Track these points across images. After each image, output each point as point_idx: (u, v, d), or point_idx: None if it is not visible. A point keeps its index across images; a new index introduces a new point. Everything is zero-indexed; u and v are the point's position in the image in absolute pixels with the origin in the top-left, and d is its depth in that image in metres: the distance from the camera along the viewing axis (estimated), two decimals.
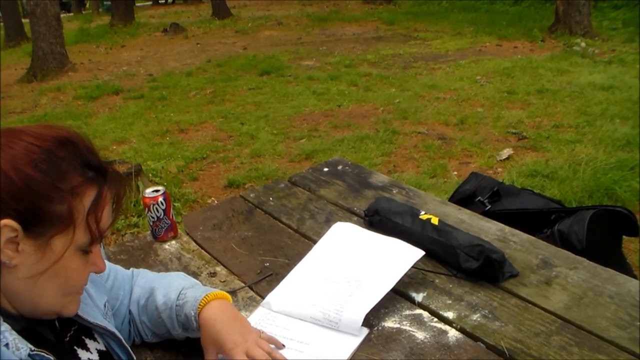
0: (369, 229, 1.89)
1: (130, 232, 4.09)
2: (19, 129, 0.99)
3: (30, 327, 1.04)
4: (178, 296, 1.37)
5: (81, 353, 1.13)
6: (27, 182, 0.92)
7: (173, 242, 1.96)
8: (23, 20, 16.81)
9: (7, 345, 0.93)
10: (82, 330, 1.17)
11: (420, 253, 1.64)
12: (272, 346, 1.33)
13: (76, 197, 0.98)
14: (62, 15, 12.67)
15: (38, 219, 0.94)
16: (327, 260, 1.70)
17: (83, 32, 16.74)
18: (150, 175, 5.09)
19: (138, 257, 1.89)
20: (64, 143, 0.99)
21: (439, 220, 1.78)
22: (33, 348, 0.97)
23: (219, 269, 1.79)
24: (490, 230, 1.88)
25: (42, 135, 0.98)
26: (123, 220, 4.26)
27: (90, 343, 1.17)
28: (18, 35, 16.49)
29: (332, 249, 1.76)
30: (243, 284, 1.70)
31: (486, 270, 1.59)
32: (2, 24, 17.69)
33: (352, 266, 1.65)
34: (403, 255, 1.64)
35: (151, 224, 1.93)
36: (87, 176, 1.00)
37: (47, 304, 1.03)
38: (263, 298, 1.60)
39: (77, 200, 0.98)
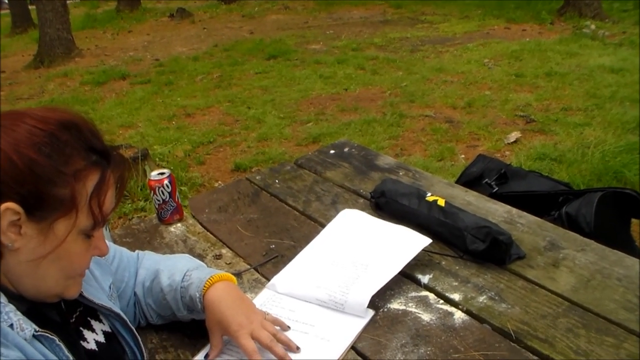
0: (375, 211, 1.89)
1: (137, 216, 4.10)
2: (22, 111, 0.98)
3: (35, 308, 1.04)
4: (183, 278, 1.37)
5: (86, 334, 1.14)
6: (30, 165, 0.92)
7: (179, 224, 1.96)
8: (30, 7, 16.80)
9: (11, 325, 0.93)
10: (87, 311, 1.17)
11: (427, 241, 1.64)
12: (277, 328, 1.33)
13: (79, 181, 0.97)
14: (68, 1, 12.65)
15: (41, 203, 0.94)
16: (334, 245, 1.70)
17: (89, 18, 16.70)
18: (157, 159, 5.10)
19: (144, 239, 1.89)
20: (68, 126, 0.98)
21: (446, 202, 1.77)
22: (37, 329, 0.97)
23: (224, 251, 1.79)
24: (497, 212, 1.87)
25: (45, 119, 0.97)
26: (130, 204, 4.27)
27: (95, 324, 1.18)
28: (25, 22, 16.47)
29: (339, 234, 1.76)
30: (248, 266, 1.69)
31: (493, 252, 1.58)
32: (9, 10, 17.66)
33: (359, 251, 1.64)
34: (410, 242, 1.64)
35: (157, 206, 1.93)
36: (91, 160, 0.99)
37: (49, 287, 1.03)
38: (268, 280, 1.60)
39: (80, 184, 0.97)
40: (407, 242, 1.64)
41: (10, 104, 8.17)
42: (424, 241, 1.64)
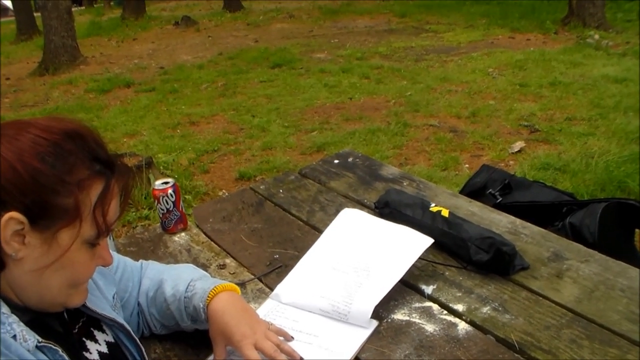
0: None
1: (141, 225, 4.10)
2: (27, 121, 0.98)
3: (38, 318, 1.04)
4: (187, 288, 1.37)
5: (89, 345, 1.13)
6: (34, 175, 0.92)
7: (183, 234, 1.96)
8: (35, 14, 16.86)
9: (14, 336, 0.93)
10: (90, 322, 1.17)
11: (430, 241, 1.63)
12: (281, 338, 1.33)
13: (83, 190, 0.97)
14: (73, 9, 12.71)
15: (44, 212, 0.94)
16: (335, 249, 1.69)
17: (94, 26, 16.80)
18: (161, 167, 5.10)
19: (147, 249, 1.89)
20: (72, 136, 0.98)
21: (450, 213, 1.77)
22: (41, 339, 0.97)
23: (228, 260, 1.79)
24: (501, 222, 1.86)
25: (50, 128, 0.97)
26: (134, 213, 4.28)
27: (98, 335, 1.17)
28: (30, 29, 16.57)
29: (340, 236, 1.75)
30: (252, 276, 1.69)
31: (497, 262, 1.58)
32: (14, 17, 17.74)
33: (361, 255, 1.64)
34: (412, 244, 1.63)
35: (161, 216, 1.93)
36: (95, 169, 0.99)
37: (53, 296, 1.03)
38: (272, 290, 1.60)
39: (84, 193, 0.97)
40: (409, 244, 1.63)
41: (14, 111, 8.20)
42: (426, 241, 1.63)
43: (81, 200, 0.96)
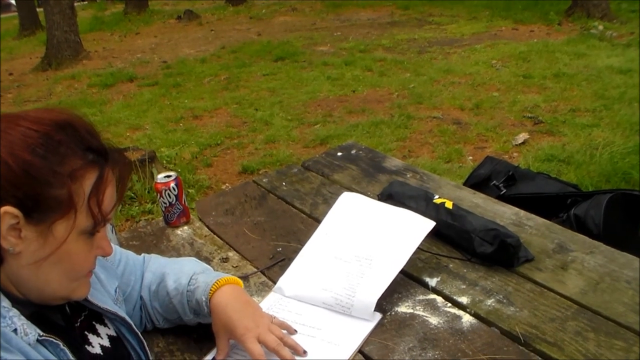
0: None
1: (144, 219, 4.10)
2: (18, 114, 0.98)
3: (40, 312, 1.03)
4: (189, 281, 1.37)
5: (91, 338, 1.13)
6: (25, 167, 0.91)
7: (185, 227, 1.96)
8: (37, 9, 16.86)
9: (15, 330, 0.92)
10: (92, 315, 1.17)
11: (431, 224, 1.61)
12: (284, 331, 1.33)
13: (76, 180, 0.96)
14: (76, 4, 12.68)
15: (38, 205, 0.93)
16: (336, 236, 1.67)
17: (97, 20, 16.77)
18: (164, 161, 5.10)
19: (150, 242, 1.88)
20: (63, 126, 0.97)
21: (454, 205, 1.76)
22: (42, 333, 0.96)
23: (231, 254, 1.78)
24: (505, 214, 1.85)
25: (40, 120, 0.96)
26: (137, 207, 4.28)
27: (100, 328, 1.17)
28: (32, 24, 16.54)
29: (341, 222, 1.72)
30: (255, 269, 1.69)
31: (501, 254, 1.57)
32: (17, 13, 17.73)
33: (362, 242, 1.62)
34: (414, 228, 1.61)
35: (163, 209, 1.93)
36: (87, 159, 0.98)
37: (53, 290, 1.02)
38: (275, 283, 1.59)
39: (77, 184, 0.96)
40: (411, 229, 1.61)
41: (18, 106, 8.19)
42: (427, 225, 1.61)
43: (74, 191, 0.96)
